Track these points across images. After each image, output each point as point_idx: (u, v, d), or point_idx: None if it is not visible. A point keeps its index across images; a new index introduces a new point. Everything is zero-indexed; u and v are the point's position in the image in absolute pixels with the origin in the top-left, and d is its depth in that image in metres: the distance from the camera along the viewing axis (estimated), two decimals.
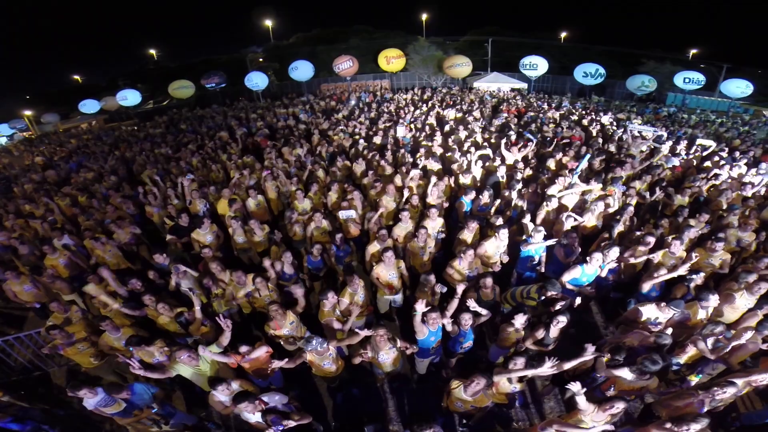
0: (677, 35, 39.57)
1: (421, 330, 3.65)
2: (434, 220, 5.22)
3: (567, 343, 3.95)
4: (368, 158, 8.12)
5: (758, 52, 38.03)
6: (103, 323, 4.09)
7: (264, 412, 2.93)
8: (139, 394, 3.50)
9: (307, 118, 13.78)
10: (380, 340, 3.51)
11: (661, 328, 3.72)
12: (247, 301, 4.65)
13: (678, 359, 3.76)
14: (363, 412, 4.34)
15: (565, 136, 9.87)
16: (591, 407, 2.79)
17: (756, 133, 17.04)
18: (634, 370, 3.16)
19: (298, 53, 30.53)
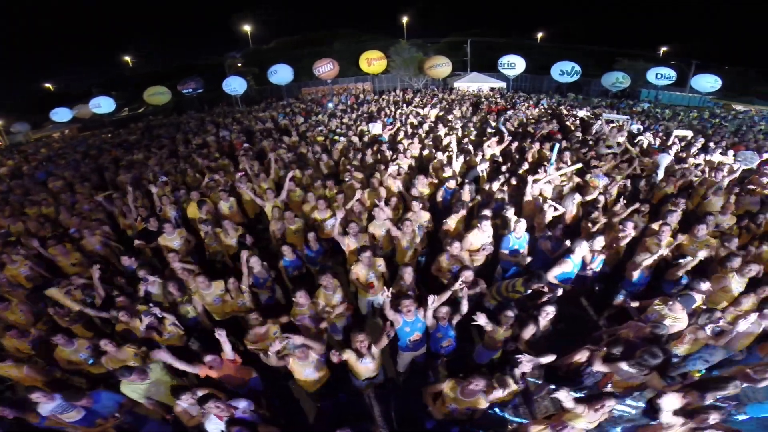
0: (650, 33, 40.78)
1: (394, 318, 3.52)
2: (418, 213, 5.09)
3: (557, 338, 3.87)
4: (349, 156, 7.98)
5: (726, 49, 39.62)
6: (55, 338, 3.81)
7: (229, 423, 2.70)
8: (103, 403, 3.28)
9: (283, 121, 13.52)
10: (361, 347, 3.34)
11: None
12: (217, 307, 4.44)
13: (676, 350, 3.68)
14: (347, 418, 4.14)
15: (544, 128, 9.92)
16: (581, 407, 2.65)
17: (727, 125, 17.61)
18: (632, 365, 3.00)
19: (279, 57, 30.28)
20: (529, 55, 27.44)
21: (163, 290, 4.55)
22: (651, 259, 4.13)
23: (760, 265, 4.69)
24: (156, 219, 6.17)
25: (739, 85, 28.90)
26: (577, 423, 2.65)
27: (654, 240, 4.59)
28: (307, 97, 23.94)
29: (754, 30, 44.28)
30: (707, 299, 4.07)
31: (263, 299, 4.84)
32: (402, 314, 3.58)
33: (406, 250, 4.80)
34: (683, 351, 3.64)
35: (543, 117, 12.51)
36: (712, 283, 3.98)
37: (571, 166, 6.00)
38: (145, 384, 3.37)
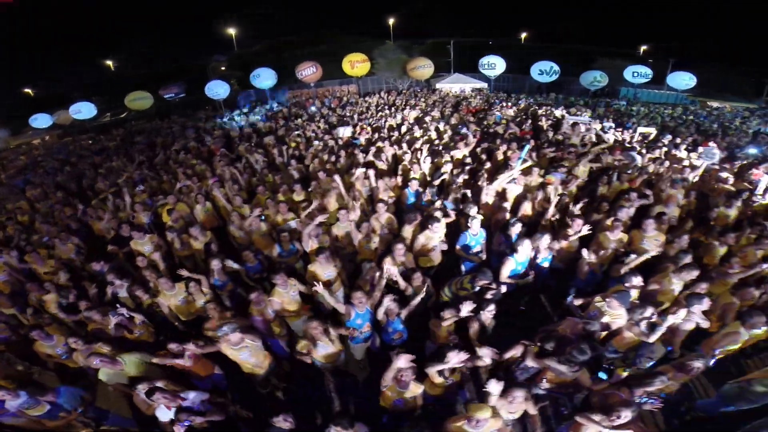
0: (628, 33, 41.59)
1: (347, 312, 3.71)
2: (380, 215, 5.25)
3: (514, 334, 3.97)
4: (322, 160, 8.12)
5: (701, 47, 40.55)
6: (33, 333, 4.14)
7: (178, 410, 2.87)
8: (66, 398, 3.54)
9: (263, 125, 13.58)
10: (316, 333, 3.52)
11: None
12: (183, 307, 4.63)
13: (616, 347, 3.81)
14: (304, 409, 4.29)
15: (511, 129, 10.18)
16: (498, 401, 2.78)
17: (700, 122, 18.13)
18: (562, 361, 3.06)
19: (263, 61, 30.21)
20: (511, 56, 27.84)
21: (128, 292, 4.78)
22: (596, 256, 4.29)
23: (711, 261, 4.99)
24: (129, 225, 6.36)
25: (713, 82, 29.65)
26: (482, 414, 2.63)
27: (604, 236, 4.79)
28: (291, 99, 23.95)
29: (728, 29, 45.47)
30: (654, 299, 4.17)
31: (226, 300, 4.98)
32: (354, 306, 3.76)
33: (366, 250, 4.97)
34: (624, 347, 3.78)
35: (518, 117, 12.78)
36: (653, 285, 4.13)
37: (524, 165, 6.15)
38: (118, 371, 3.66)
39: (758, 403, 3.26)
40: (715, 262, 4.98)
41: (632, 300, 3.75)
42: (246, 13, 47.27)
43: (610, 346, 3.83)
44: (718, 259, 4.98)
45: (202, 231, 5.84)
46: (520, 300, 5.09)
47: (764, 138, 14.76)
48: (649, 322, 3.41)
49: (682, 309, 3.31)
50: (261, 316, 4.20)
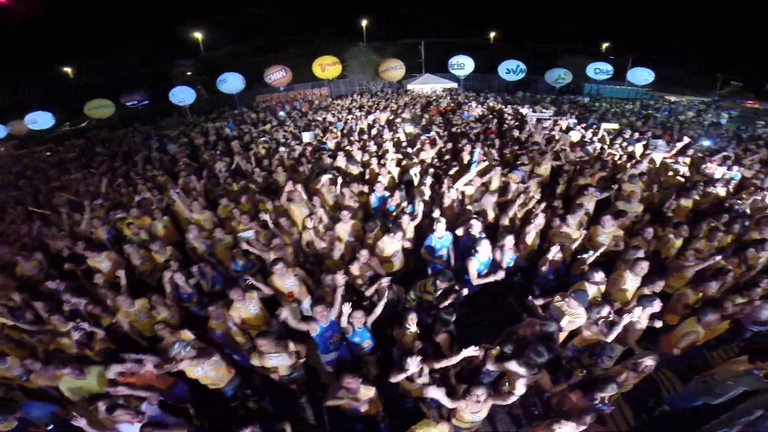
0: (590, 30, 43.22)
1: (310, 327, 3.67)
2: (346, 223, 5.20)
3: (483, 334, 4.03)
4: (287, 167, 7.98)
5: (659, 44, 42.56)
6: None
7: (143, 426, 2.86)
8: (35, 413, 3.55)
9: (231, 132, 13.23)
10: (265, 348, 3.50)
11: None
12: (144, 323, 4.52)
13: (578, 346, 3.85)
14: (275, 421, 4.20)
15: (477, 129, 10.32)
16: (459, 402, 2.79)
17: (659, 116, 18.96)
18: (521, 363, 3.06)
19: (231, 65, 29.60)
20: (480, 55, 28.36)
21: (85, 311, 4.63)
22: (556, 253, 4.36)
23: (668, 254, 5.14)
24: (86, 241, 6.11)
25: (671, 77, 31.14)
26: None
27: (564, 233, 4.88)
28: (262, 104, 23.51)
29: (683, 26, 47.96)
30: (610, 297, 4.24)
31: (195, 311, 4.93)
32: (317, 321, 3.70)
33: (332, 259, 4.91)
34: (584, 345, 3.82)
35: (485, 117, 12.97)
36: (610, 282, 4.18)
37: (483, 164, 6.24)
38: (81, 382, 3.63)
39: (724, 397, 3.36)
40: (671, 254, 5.15)
41: (591, 299, 3.80)
42: (213, 17, 46.22)
43: (572, 345, 3.89)
44: (675, 251, 5.15)
45: (163, 246, 5.69)
46: (487, 300, 5.13)
47: (717, 129, 15.61)
48: (606, 321, 3.45)
49: (638, 307, 3.36)
50: (220, 330, 4.16)
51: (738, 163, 8.08)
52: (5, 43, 39.52)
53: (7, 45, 39.83)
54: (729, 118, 22.13)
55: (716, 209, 6.23)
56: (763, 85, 36.44)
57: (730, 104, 27.66)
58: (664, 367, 4.25)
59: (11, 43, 40.57)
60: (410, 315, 3.54)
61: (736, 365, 3.10)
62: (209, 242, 5.70)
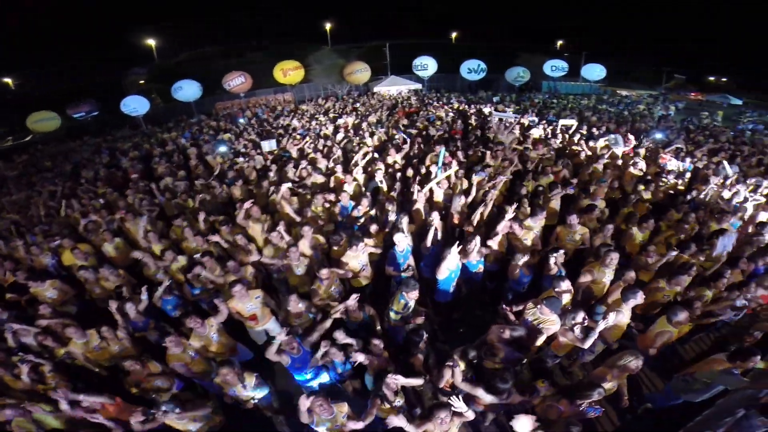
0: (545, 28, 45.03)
1: (280, 359, 3.46)
2: (309, 239, 4.93)
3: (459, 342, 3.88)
4: (248, 179, 7.59)
5: (610, 40, 44.93)
6: None
7: None
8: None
9: (186, 142, 12.49)
10: (228, 379, 3.31)
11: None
12: (99, 353, 4.22)
13: (555, 352, 3.81)
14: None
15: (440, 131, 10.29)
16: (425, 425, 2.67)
17: (612, 110, 19.83)
18: (488, 390, 2.96)
19: (188, 72, 28.40)
20: (443, 56, 28.67)
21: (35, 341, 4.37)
22: (522, 259, 4.29)
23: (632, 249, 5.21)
24: (28, 270, 5.81)
25: (621, 72, 32.81)
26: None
27: (527, 234, 4.83)
28: (222, 112, 22.61)
29: (631, 22, 50.96)
30: (583, 294, 4.28)
31: (153, 339, 4.62)
32: (287, 353, 3.47)
33: (298, 276, 4.64)
34: (562, 352, 3.77)
35: (449, 117, 13.00)
36: (586, 276, 4.20)
37: (453, 168, 6.14)
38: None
39: (704, 395, 3.39)
40: (635, 249, 5.24)
41: (564, 305, 3.75)
42: (167, 23, 44.25)
43: (550, 350, 3.83)
44: (638, 245, 5.25)
45: (113, 271, 5.31)
46: (461, 308, 5.02)
47: (667, 122, 16.49)
48: (582, 327, 3.41)
49: (612, 313, 3.32)
50: (181, 362, 3.86)
51: (690, 155, 8.45)
52: None
53: None
54: (676, 110, 23.55)
55: (674, 201, 6.43)
56: (704, 78, 39.19)
57: (675, 97, 29.51)
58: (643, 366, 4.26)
59: None
60: (374, 340, 3.35)
61: (715, 364, 3.12)
62: (163, 264, 5.28)
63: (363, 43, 38.14)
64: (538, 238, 4.93)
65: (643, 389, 4.35)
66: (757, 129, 17.68)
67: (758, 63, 41.02)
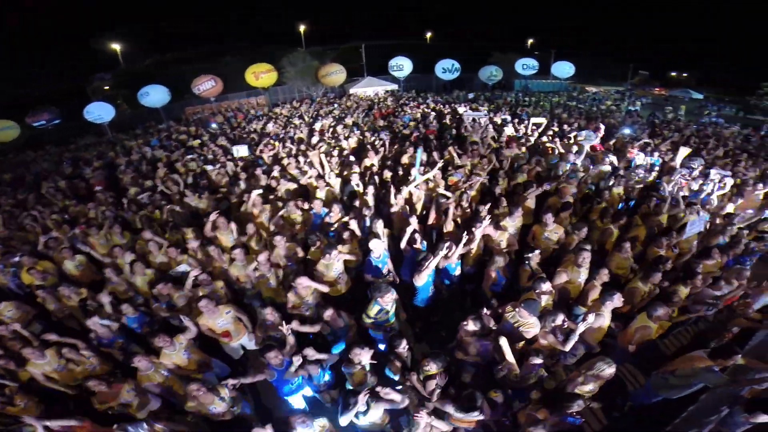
0: (516, 27, 46.12)
1: (267, 375, 3.40)
2: (282, 248, 4.77)
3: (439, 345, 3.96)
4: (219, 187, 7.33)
5: (577, 37, 46.40)
6: None
7: None
8: None
9: (153, 150, 11.96)
10: (200, 397, 3.18)
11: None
12: (65, 374, 4.02)
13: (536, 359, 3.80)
14: None
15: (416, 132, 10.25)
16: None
17: (582, 107, 20.37)
18: (457, 408, 2.90)
19: (155, 76, 27.44)
20: (418, 56, 28.79)
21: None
22: (499, 260, 4.27)
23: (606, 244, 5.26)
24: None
25: (589, 69, 33.83)
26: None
27: (502, 236, 4.80)
28: (192, 117, 21.90)
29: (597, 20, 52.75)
30: (560, 295, 4.30)
31: (120, 359, 4.45)
32: (272, 366, 3.38)
33: (272, 288, 4.49)
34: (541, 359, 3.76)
35: (426, 117, 13.01)
36: (561, 276, 4.22)
37: (434, 169, 6.10)
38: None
39: (684, 392, 3.41)
40: (611, 246, 5.26)
41: (545, 305, 3.75)
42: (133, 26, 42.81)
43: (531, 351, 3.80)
44: (614, 242, 5.29)
45: (74, 289, 5.05)
46: (438, 311, 4.97)
47: (633, 116, 17.05)
48: (562, 329, 3.41)
49: (591, 314, 3.32)
50: (154, 382, 3.73)
51: (656, 149, 8.71)
52: None
53: None
54: (642, 105, 24.44)
55: (645, 195, 6.59)
56: (667, 73, 40.88)
57: (641, 92, 30.64)
58: (625, 362, 4.32)
59: None
60: (354, 350, 3.24)
61: (696, 362, 3.13)
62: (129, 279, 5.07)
63: (338, 45, 37.94)
64: (514, 238, 4.92)
65: (627, 386, 4.38)
66: (718, 122, 18.53)
67: (715, 59, 43.30)
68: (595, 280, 4.08)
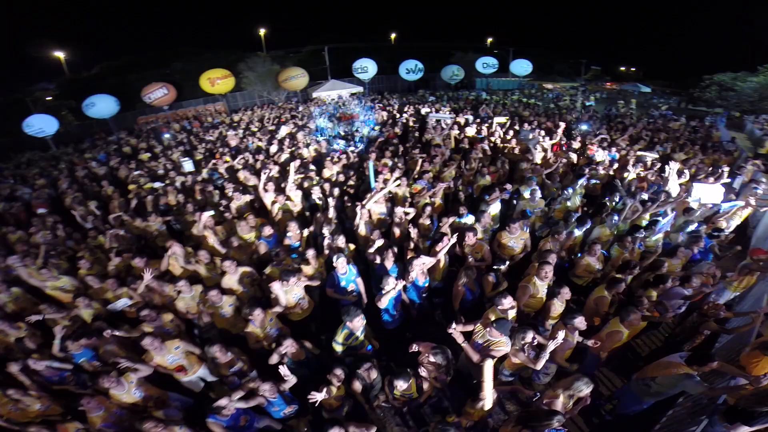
0: (475, 26, 47.16)
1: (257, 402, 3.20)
2: (235, 274, 4.41)
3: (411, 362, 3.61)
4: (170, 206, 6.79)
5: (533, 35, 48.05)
6: None
7: None
8: None
9: (98, 166, 11.02)
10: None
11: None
12: (17, 413, 3.59)
13: (507, 370, 3.67)
14: None
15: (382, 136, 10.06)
16: None
17: (540, 104, 20.94)
18: None
19: (103, 85, 25.78)
20: (382, 57, 28.66)
21: None
22: (468, 276, 4.10)
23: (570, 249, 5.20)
24: None
25: (545, 66, 35.02)
26: None
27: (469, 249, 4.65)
28: (145, 127, 20.66)
29: (551, 17, 54.78)
30: (524, 307, 4.18)
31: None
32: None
33: (225, 318, 4.12)
34: (516, 369, 3.63)
35: (388, 121, 12.83)
36: (520, 292, 4.09)
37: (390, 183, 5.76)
38: None
39: (664, 397, 3.39)
40: (577, 248, 5.31)
41: (511, 318, 3.62)
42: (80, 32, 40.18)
43: (504, 368, 3.68)
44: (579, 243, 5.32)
45: (11, 324, 4.57)
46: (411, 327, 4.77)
47: (589, 112, 17.64)
48: (533, 346, 3.31)
49: (561, 331, 3.22)
50: (107, 422, 3.36)
51: (613, 145, 8.94)
52: None
53: None
54: (596, 99, 25.46)
55: (606, 191, 6.69)
56: (616, 68, 42.98)
57: (594, 87, 31.99)
58: (599, 368, 4.28)
59: None
60: (337, 369, 3.09)
61: (674, 368, 3.09)
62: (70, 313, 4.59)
63: (301, 48, 37.17)
64: (487, 249, 4.78)
65: (603, 390, 4.33)
66: (666, 115, 19.53)
67: (660, 53, 46.06)
68: (557, 298, 3.95)
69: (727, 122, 19.60)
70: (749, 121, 19.95)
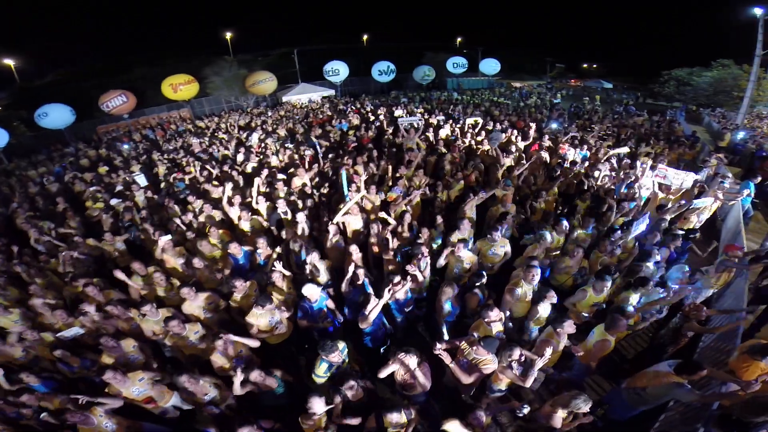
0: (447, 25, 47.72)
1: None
2: (195, 300, 4.08)
3: None
4: None
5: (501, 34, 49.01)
6: None
7: None
8: None
9: (51, 183, 10.19)
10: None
11: None
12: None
13: (498, 386, 3.54)
14: None
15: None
16: None
17: (509, 102, 21.26)
18: None
19: (57, 94, 24.32)
20: (354, 59, 28.36)
21: None
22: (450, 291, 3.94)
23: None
24: None
25: (513, 65, 35.78)
26: None
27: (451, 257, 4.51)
28: (105, 137, 19.52)
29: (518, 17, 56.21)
30: (512, 312, 4.13)
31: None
32: None
33: (191, 347, 3.79)
34: (504, 385, 3.51)
35: (363, 124, 12.61)
36: (507, 296, 4.04)
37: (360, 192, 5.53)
38: None
39: (654, 405, 3.34)
40: None
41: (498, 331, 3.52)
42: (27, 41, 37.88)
43: (492, 384, 3.54)
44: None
45: None
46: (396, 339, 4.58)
47: (558, 109, 18.00)
48: (521, 362, 3.21)
49: (548, 347, 3.12)
50: None
51: (584, 143, 9.05)
52: None
53: None
54: (562, 96, 26.17)
55: (579, 190, 6.71)
56: (579, 65, 44.44)
57: (559, 85, 32.94)
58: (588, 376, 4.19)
59: None
60: (315, 399, 2.81)
61: (664, 378, 3.03)
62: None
63: (270, 51, 36.43)
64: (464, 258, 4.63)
65: (593, 395, 4.21)
66: (629, 110, 20.24)
67: (620, 49, 47.99)
68: (541, 304, 3.93)
69: (685, 116, 20.53)
70: (706, 114, 20.98)
